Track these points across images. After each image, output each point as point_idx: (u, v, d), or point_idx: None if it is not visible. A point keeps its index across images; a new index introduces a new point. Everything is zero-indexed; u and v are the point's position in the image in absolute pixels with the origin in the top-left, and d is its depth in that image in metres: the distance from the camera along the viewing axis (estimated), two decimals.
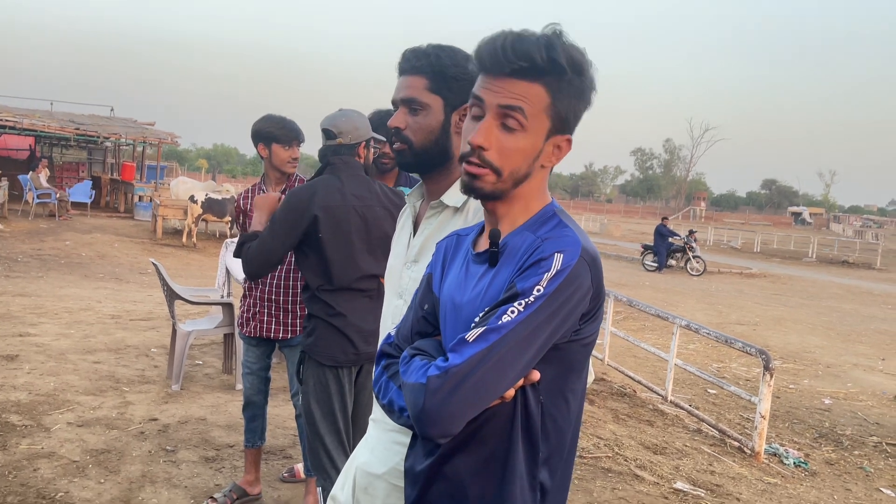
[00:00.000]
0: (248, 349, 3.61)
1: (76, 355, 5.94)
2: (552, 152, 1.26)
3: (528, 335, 1.12)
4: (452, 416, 1.11)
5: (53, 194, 17.83)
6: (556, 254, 1.14)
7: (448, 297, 1.31)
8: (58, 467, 3.71)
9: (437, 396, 1.11)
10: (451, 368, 1.11)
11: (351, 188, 2.68)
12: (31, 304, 8.11)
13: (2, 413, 4.39)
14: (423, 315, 1.36)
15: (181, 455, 4.03)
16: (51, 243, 13.86)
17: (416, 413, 1.14)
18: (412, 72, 1.68)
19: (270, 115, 3.47)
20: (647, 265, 20.47)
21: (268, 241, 2.67)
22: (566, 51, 1.21)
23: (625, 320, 11.16)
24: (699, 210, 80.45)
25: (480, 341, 1.11)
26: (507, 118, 1.22)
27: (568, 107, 1.23)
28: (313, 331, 2.67)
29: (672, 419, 5.74)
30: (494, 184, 1.25)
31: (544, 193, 1.31)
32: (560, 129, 1.25)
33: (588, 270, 1.16)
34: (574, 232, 1.20)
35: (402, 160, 1.69)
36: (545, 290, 1.12)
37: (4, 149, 24.54)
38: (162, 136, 22.33)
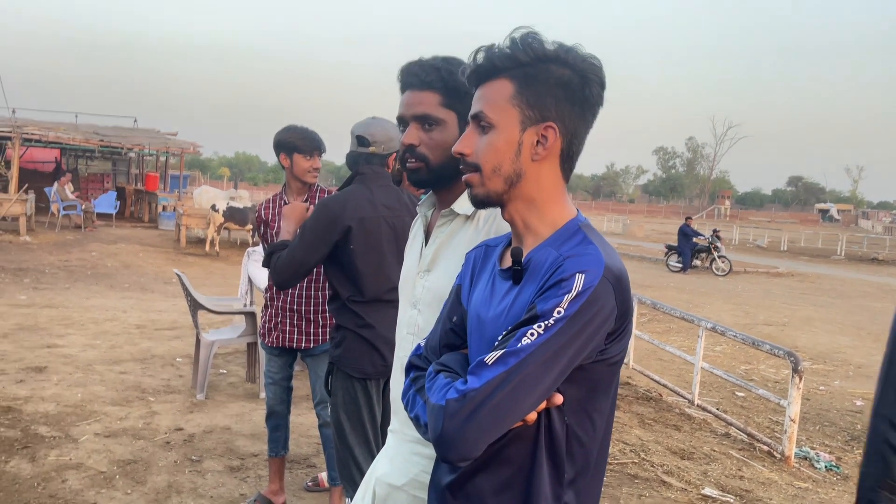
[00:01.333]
0: (270, 359, 3.62)
1: (103, 366, 6.00)
2: (535, 144, 1.23)
3: (548, 358, 1.09)
4: (470, 440, 1.09)
5: (79, 206, 18.11)
6: (577, 274, 1.11)
7: (474, 312, 1.29)
8: (86, 478, 3.75)
9: (455, 421, 1.09)
10: (469, 392, 1.09)
11: (381, 199, 2.67)
12: (59, 315, 8.22)
13: (31, 424, 4.44)
14: (451, 327, 1.34)
15: (206, 465, 4.04)
16: (77, 254, 14.06)
17: (435, 436, 1.13)
18: (422, 87, 1.65)
19: (292, 125, 3.49)
20: (672, 266, 20.26)
21: (298, 252, 2.65)
22: (525, 43, 1.21)
23: (649, 322, 11.05)
24: (724, 209, 79.58)
25: (499, 364, 1.09)
26: (480, 122, 1.26)
27: (538, 94, 1.22)
28: (342, 342, 2.65)
29: (699, 423, 5.66)
30: (482, 184, 1.25)
31: (563, 203, 1.27)
32: (536, 118, 1.23)
33: (611, 290, 1.13)
34: (598, 249, 1.16)
35: (418, 178, 1.66)
36: (566, 312, 1.09)
37: (31, 162, 24.97)
38: (184, 145, 22.58)
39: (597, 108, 1.26)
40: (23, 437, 4.23)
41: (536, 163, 1.24)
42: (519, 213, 1.27)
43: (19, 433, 4.28)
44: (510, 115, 1.23)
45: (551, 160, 1.25)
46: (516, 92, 1.22)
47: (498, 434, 1.12)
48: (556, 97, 1.22)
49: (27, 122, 21.04)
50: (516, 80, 1.22)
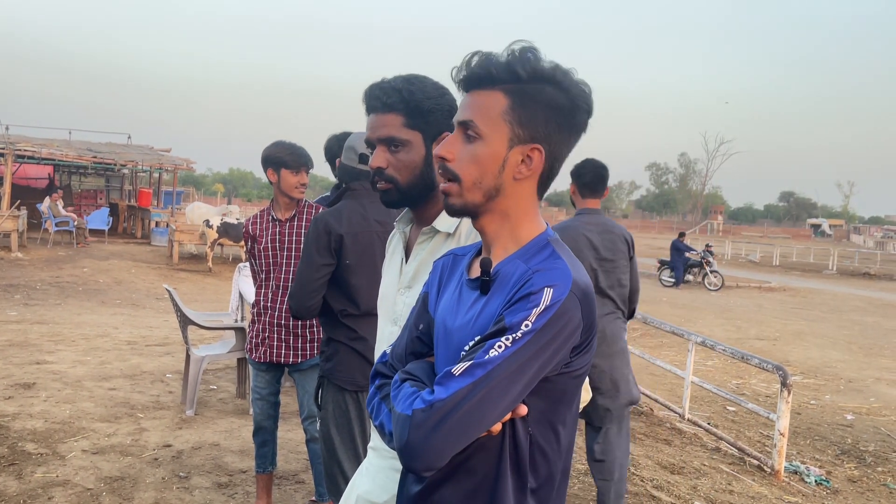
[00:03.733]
0: (257, 375, 3.61)
1: (92, 382, 5.98)
2: (520, 163, 1.24)
3: (515, 371, 1.11)
4: (436, 450, 1.11)
5: (71, 222, 18.07)
6: (545, 288, 1.12)
7: (441, 320, 1.31)
8: (72, 495, 3.72)
9: (421, 431, 1.10)
10: (435, 403, 1.10)
11: (373, 214, 2.67)
12: (49, 331, 8.19)
13: (18, 441, 4.41)
14: (417, 335, 1.36)
15: (194, 481, 4.02)
16: (69, 270, 14.02)
17: (400, 446, 1.14)
18: (384, 109, 1.67)
19: (280, 141, 3.51)
20: (665, 281, 20.32)
21: (303, 271, 2.65)
22: (524, 59, 1.21)
23: (641, 337, 11.07)
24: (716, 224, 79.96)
25: (466, 376, 1.11)
26: (467, 130, 1.25)
27: (531, 114, 1.22)
28: (333, 355, 2.65)
29: (690, 438, 5.66)
30: (461, 195, 1.25)
31: (535, 219, 1.29)
32: (525, 137, 1.23)
33: (578, 305, 1.14)
34: (566, 264, 1.18)
35: (389, 199, 1.68)
36: (533, 325, 1.11)
37: (24, 178, 24.93)
38: (177, 161, 22.60)
39: (581, 134, 1.27)
40: (9, 453, 4.20)
41: (518, 181, 1.25)
42: (491, 226, 1.28)
43: (6, 450, 4.25)
44: (500, 131, 1.22)
45: (532, 180, 1.26)
46: (509, 108, 1.22)
47: (463, 444, 1.13)
48: (547, 120, 1.22)
49: (20, 139, 21.02)
50: (511, 95, 1.22)
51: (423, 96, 1.65)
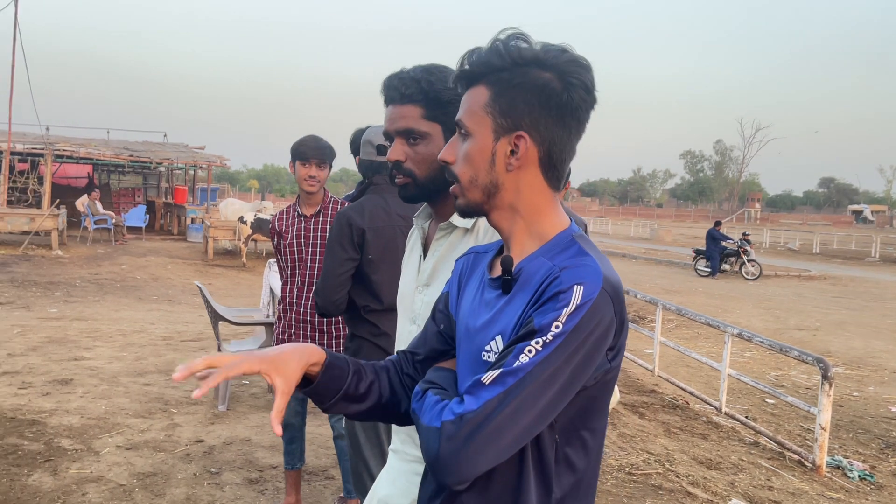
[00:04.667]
0: None
1: (127, 378, 6.06)
2: (508, 154, 1.18)
3: (549, 376, 1.04)
4: (469, 464, 1.04)
5: (109, 220, 18.42)
6: (575, 286, 1.05)
7: (463, 322, 1.25)
8: (105, 491, 3.77)
9: (453, 444, 1.04)
10: (466, 414, 1.04)
11: (396, 208, 2.64)
12: (88, 327, 8.34)
13: (54, 437, 4.49)
14: (437, 331, 1.31)
15: (225, 477, 4.04)
16: (108, 267, 14.29)
17: (430, 460, 1.07)
18: (403, 101, 1.61)
19: (309, 134, 3.48)
20: (700, 270, 19.96)
21: (328, 266, 2.63)
22: (506, 46, 1.17)
23: (677, 328, 10.88)
24: (754, 212, 78.40)
25: (497, 385, 1.04)
26: (461, 130, 1.23)
27: (511, 101, 1.16)
28: (357, 351, 2.64)
29: (727, 432, 5.53)
30: (463, 195, 1.22)
31: (551, 213, 1.21)
32: (508, 126, 1.17)
33: (610, 303, 1.07)
34: (595, 260, 1.11)
35: (407, 193, 1.63)
36: (564, 326, 1.03)
37: (64, 177, 25.48)
38: (211, 159, 22.89)
39: (580, 112, 1.18)
40: (46, 450, 4.27)
41: (512, 173, 1.19)
42: (503, 222, 1.22)
43: (42, 446, 4.32)
44: (484, 124, 1.18)
45: (529, 169, 1.19)
46: (490, 99, 1.17)
47: (499, 458, 1.06)
48: (529, 104, 1.15)
49: (59, 139, 21.49)
50: (492, 85, 1.17)
51: (442, 87, 1.59)
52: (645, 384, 6.98)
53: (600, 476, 4.30)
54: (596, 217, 66.38)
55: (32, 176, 19.99)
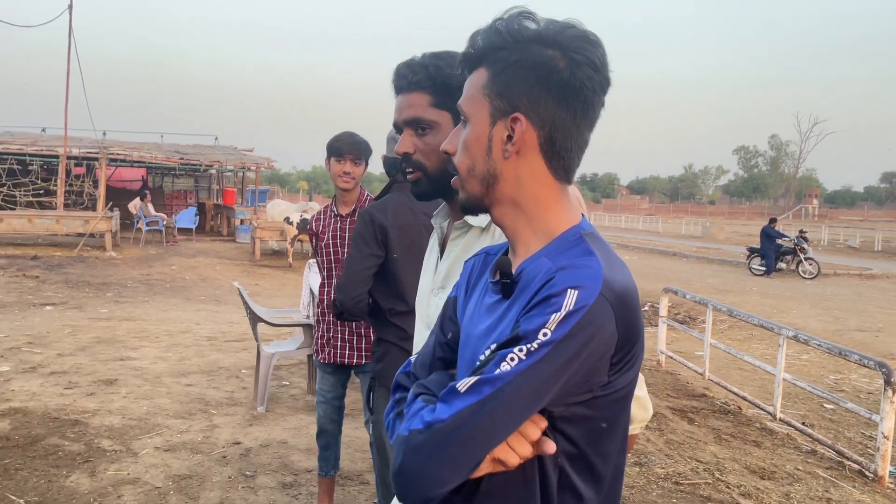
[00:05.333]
0: (323, 377, 3.56)
1: (170, 378, 6.11)
2: (505, 139, 1.06)
3: (531, 389, 0.91)
4: (431, 479, 0.93)
5: (161, 222, 18.83)
6: (569, 290, 0.93)
7: (465, 328, 1.14)
8: (140, 494, 3.76)
9: (416, 456, 0.94)
10: (435, 423, 0.93)
11: (420, 206, 2.55)
12: (136, 327, 8.48)
13: (95, 438, 4.52)
14: (445, 342, 1.19)
15: (259, 481, 4.00)
16: (158, 268, 14.58)
17: (393, 471, 0.97)
18: (411, 88, 1.52)
19: (345, 131, 3.40)
20: (754, 269, 19.34)
21: (350, 262, 2.57)
22: (507, 24, 1.06)
23: (729, 329, 10.53)
24: (811, 208, 75.91)
25: (472, 394, 0.92)
26: (461, 117, 1.13)
27: (508, 81, 1.05)
28: (383, 356, 2.54)
29: (782, 439, 5.26)
30: (462, 188, 1.11)
31: (556, 207, 1.08)
32: (505, 108, 1.06)
33: (610, 312, 0.94)
34: (598, 262, 0.98)
35: (419, 189, 1.52)
36: (553, 335, 0.91)
37: (119, 181, 26.21)
38: (259, 161, 23.23)
39: (587, 92, 1.05)
40: (86, 450, 4.30)
41: (510, 160, 1.06)
42: (505, 218, 1.11)
43: (83, 447, 4.35)
44: (481, 107, 1.08)
45: (529, 157, 1.06)
46: (488, 80, 1.07)
47: (465, 474, 0.94)
48: (527, 82, 1.04)
49: (114, 143, 22.09)
50: (490, 67, 1.07)
51: (450, 71, 1.48)
52: (695, 388, 6.72)
53: (645, 486, 4.12)
54: (646, 215, 65.26)
55: (88, 179, 20.60)
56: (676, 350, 8.12)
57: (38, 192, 20.58)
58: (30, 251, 15.46)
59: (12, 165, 20.03)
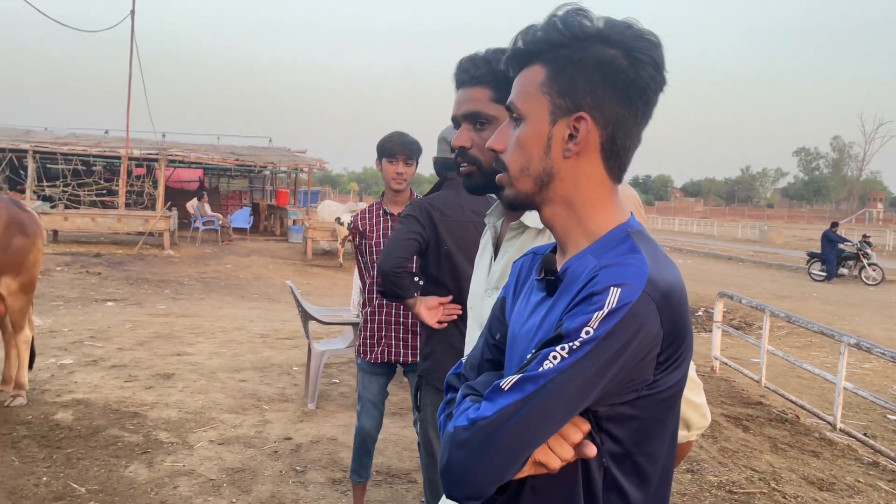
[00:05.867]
0: (370, 379, 3.45)
1: (225, 373, 6.25)
2: (567, 138, 1.05)
3: (574, 387, 0.91)
4: (477, 476, 0.94)
5: (216, 221, 19.30)
6: (612, 287, 0.93)
7: (512, 327, 1.14)
8: (195, 485, 3.85)
9: (461, 452, 0.94)
10: (479, 421, 0.94)
11: (469, 203, 2.55)
12: (192, 324, 8.70)
13: (153, 430, 4.66)
14: (494, 343, 1.19)
15: (310, 476, 4.06)
16: (214, 267, 14.94)
17: (440, 469, 0.98)
18: (472, 83, 1.52)
19: (395, 131, 3.40)
20: (815, 275, 18.74)
21: (395, 234, 2.57)
22: (565, 21, 1.04)
23: (787, 336, 10.22)
24: (875, 212, 73.19)
25: (515, 391, 0.93)
26: (512, 114, 1.11)
27: (572, 79, 1.04)
28: (431, 354, 2.54)
29: (843, 450, 5.08)
30: (511, 185, 1.10)
31: (607, 206, 1.08)
32: (567, 107, 1.04)
33: (655, 310, 0.93)
34: (643, 260, 0.97)
35: (472, 183, 1.52)
36: (595, 332, 0.91)
37: (178, 181, 26.95)
38: (311, 162, 23.59)
39: (649, 92, 1.05)
40: (144, 442, 4.43)
41: (570, 160, 1.06)
42: (556, 218, 1.10)
43: (141, 438, 4.49)
44: (540, 105, 1.06)
45: (589, 156, 1.06)
46: (547, 78, 1.06)
47: (508, 472, 0.95)
48: (592, 82, 1.03)
49: (172, 145, 22.74)
50: (549, 63, 1.06)
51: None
52: (750, 395, 6.55)
53: (697, 494, 4.03)
54: (700, 218, 63.89)
55: (148, 180, 21.24)
56: (731, 356, 7.93)
57: (101, 191, 21.34)
58: (93, 249, 16.03)
59: (77, 166, 20.82)
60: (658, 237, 13.51)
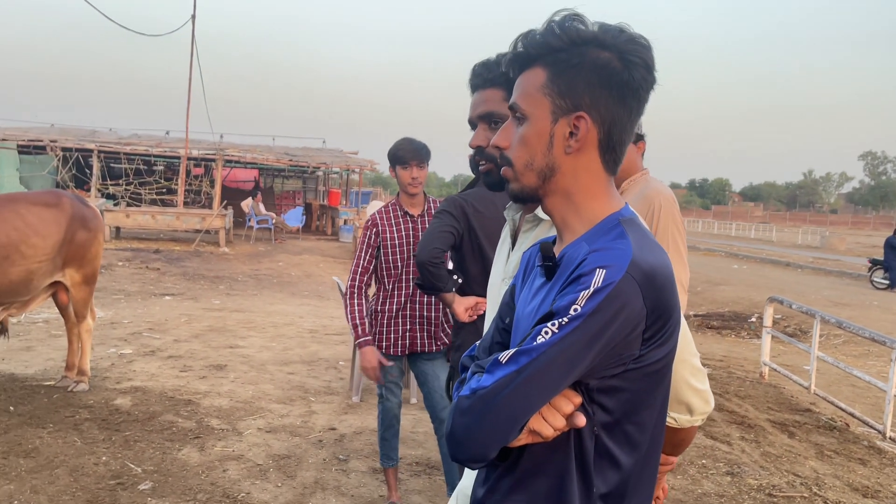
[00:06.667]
0: (389, 369, 3.52)
1: (274, 366, 6.46)
2: (567, 136, 1.15)
3: (564, 359, 1.01)
4: (478, 439, 1.04)
5: (270, 220, 19.77)
6: (597, 269, 1.02)
7: (517, 310, 1.24)
8: (244, 469, 4.03)
9: (464, 419, 1.05)
10: (479, 390, 1.04)
11: (502, 200, 2.62)
12: (244, 318, 8.99)
13: (205, 417, 4.87)
14: (503, 327, 1.29)
15: (352, 464, 4.19)
16: (266, 264, 15.33)
17: (446, 435, 1.08)
18: (486, 85, 1.62)
19: (403, 137, 3.48)
20: (877, 282, 18.10)
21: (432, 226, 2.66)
22: (562, 27, 1.13)
23: (844, 344, 9.97)
24: None
25: (511, 363, 1.03)
26: (515, 113, 1.21)
27: (570, 81, 1.13)
28: (462, 346, 2.63)
29: (891, 458, 4.96)
30: (516, 179, 1.20)
31: (603, 196, 1.17)
32: (567, 107, 1.14)
33: (638, 289, 1.02)
34: (629, 244, 1.06)
35: (491, 180, 1.61)
36: (582, 309, 1.00)
37: (234, 181, 27.69)
38: (362, 163, 23.96)
39: (641, 92, 1.15)
40: (197, 427, 4.64)
41: (571, 156, 1.15)
42: (556, 208, 1.19)
43: (194, 424, 4.70)
44: (541, 106, 1.16)
45: (588, 152, 1.16)
46: (548, 80, 1.15)
47: (505, 437, 1.04)
48: (590, 83, 1.12)
49: (229, 146, 23.38)
50: (549, 66, 1.15)
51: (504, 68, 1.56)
52: (799, 402, 6.43)
53: (736, 496, 4.01)
54: (759, 223, 62.27)
55: (206, 179, 21.89)
56: (784, 363, 7.79)
57: (161, 190, 22.09)
58: (152, 245, 16.63)
59: (139, 165, 21.61)
60: (712, 243, 13.47)
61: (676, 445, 1.53)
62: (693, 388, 1.39)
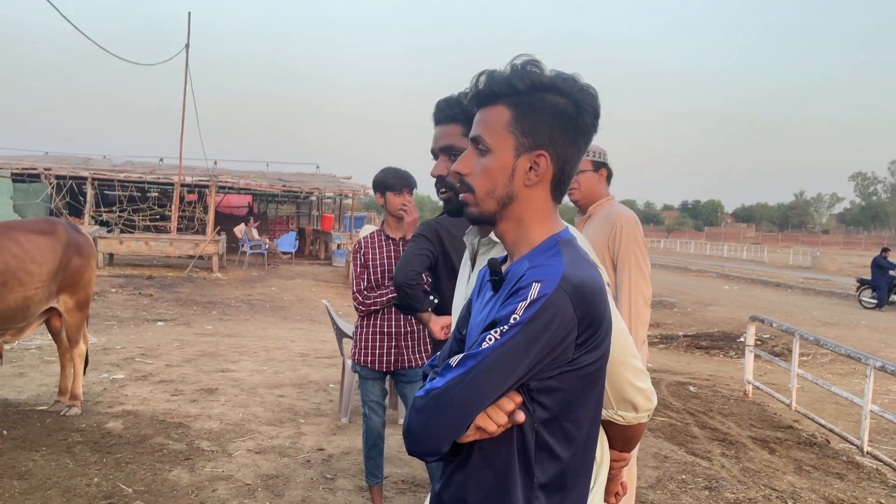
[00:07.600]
0: (372, 384, 3.71)
1: (265, 389, 6.55)
2: (529, 170, 1.30)
3: (506, 362, 1.15)
4: (430, 435, 1.18)
5: (263, 245, 19.89)
6: (533, 283, 1.17)
7: (471, 321, 1.39)
8: (232, 489, 4.11)
9: (419, 416, 1.19)
10: (432, 390, 1.18)
11: None
12: (236, 343, 9.07)
13: (195, 439, 4.95)
14: (460, 338, 1.43)
15: (339, 483, 4.28)
16: (259, 289, 15.42)
17: (403, 432, 1.23)
18: (447, 120, 1.78)
19: (387, 167, 3.69)
20: (865, 302, 18.31)
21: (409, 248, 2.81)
22: (524, 72, 1.28)
23: (831, 363, 10.11)
24: None
25: (460, 366, 1.18)
26: (478, 145, 1.34)
27: (533, 122, 1.28)
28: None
29: (868, 473, 5.07)
30: (476, 204, 1.33)
31: (547, 221, 1.33)
32: (529, 145, 1.29)
33: (568, 300, 1.17)
34: (562, 261, 1.21)
35: (451, 207, 1.76)
36: (521, 318, 1.16)
37: (228, 207, 27.85)
38: (355, 188, 24.18)
39: (590, 135, 1.32)
40: (187, 449, 4.73)
41: (528, 187, 1.31)
42: (508, 232, 1.35)
43: (184, 446, 4.78)
44: (506, 142, 1.30)
45: (543, 184, 1.32)
46: (512, 119, 1.30)
47: (455, 433, 1.18)
48: (550, 126, 1.28)
49: (223, 172, 23.56)
50: (513, 107, 1.30)
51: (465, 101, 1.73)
52: (782, 419, 6.54)
53: None
54: (751, 244, 62.61)
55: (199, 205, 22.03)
56: (769, 382, 7.91)
57: (155, 216, 22.22)
58: (145, 271, 16.71)
59: (133, 192, 21.76)
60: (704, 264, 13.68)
61: (627, 441, 1.65)
62: (636, 388, 1.51)
